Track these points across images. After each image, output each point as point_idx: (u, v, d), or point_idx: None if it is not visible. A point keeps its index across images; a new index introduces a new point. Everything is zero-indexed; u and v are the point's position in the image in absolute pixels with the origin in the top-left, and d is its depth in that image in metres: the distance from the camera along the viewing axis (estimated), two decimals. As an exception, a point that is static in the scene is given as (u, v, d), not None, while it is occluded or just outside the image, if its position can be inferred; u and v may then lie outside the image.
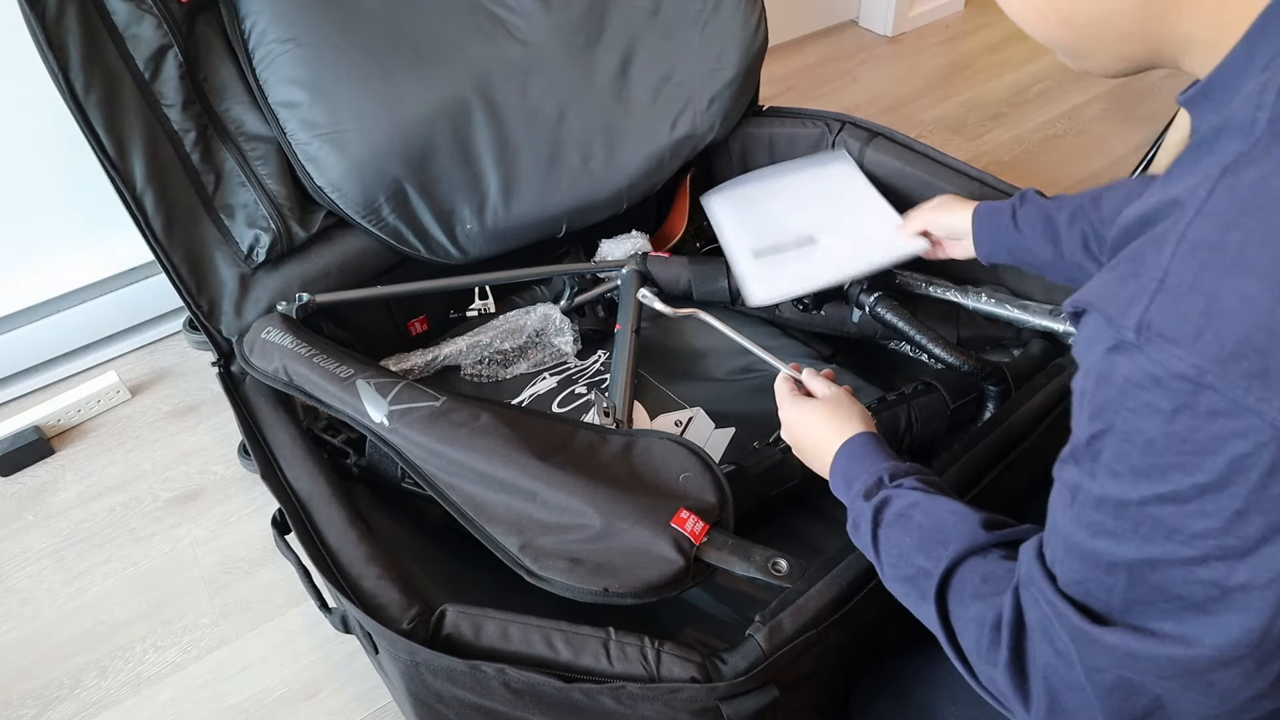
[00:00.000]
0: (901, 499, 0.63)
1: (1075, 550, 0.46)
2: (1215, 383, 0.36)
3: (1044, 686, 0.48)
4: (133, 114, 1.05)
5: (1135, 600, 0.43)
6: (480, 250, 1.24)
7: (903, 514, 0.62)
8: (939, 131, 2.01)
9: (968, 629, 0.54)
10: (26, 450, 1.38)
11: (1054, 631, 0.47)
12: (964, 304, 1.17)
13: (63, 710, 1.09)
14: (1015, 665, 0.50)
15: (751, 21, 1.32)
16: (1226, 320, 0.36)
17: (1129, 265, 0.41)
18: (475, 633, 0.73)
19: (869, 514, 0.64)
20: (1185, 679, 0.43)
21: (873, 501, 0.65)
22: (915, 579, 0.59)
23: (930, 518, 0.61)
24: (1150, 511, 0.41)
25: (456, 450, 0.89)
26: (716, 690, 0.67)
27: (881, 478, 0.67)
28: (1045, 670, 0.48)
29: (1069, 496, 0.46)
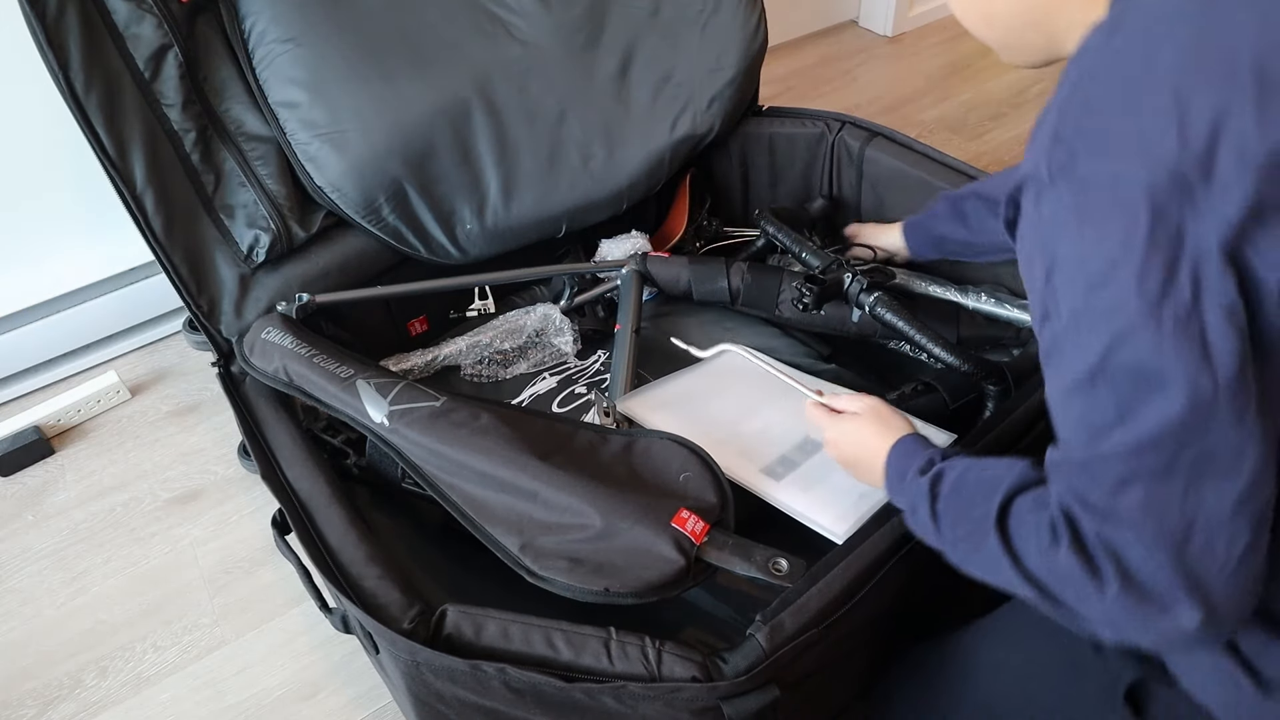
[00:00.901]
0: (954, 468, 0.66)
1: (1068, 394, 0.53)
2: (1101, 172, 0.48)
3: (1104, 551, 0.51)
4: (133, 114, 1.05)
5: (1121, 394, 0.49)
6: (480, 250, 1.24)
7: (958, 479, 0.65)
8: (939, 131, 2.01)
9: (1028, 542, 0.57)
10: (26, 450, 1.37)
11: (1082, 489, 0.52)
12: (964, 304, 1.17)
13: (63, 710, 1.09)
14: (1076, 544, 0.53)
15: (751, 22, 1.32)
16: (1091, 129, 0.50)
17: (1033, 143, 0.54)
18: (476, 632, 0.73)
19: (926, 489, 0.66)
20: (1189, 451, 0.48)
21: (928, 476, 0.67)
22: (975, 529, 0.61)
23: (985, 471, 0.64)
24: (1098, 301, 0.49)
25: (457, 450, 0.89)
26: (717, 690, 0.67)
27: (933, 458, 0.69)
28: (1097, 534, 0.52)
29: (1051, 361, 0.53)
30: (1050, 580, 0.55)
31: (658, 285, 1.23)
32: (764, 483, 0.89)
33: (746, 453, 0.93)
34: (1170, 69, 0.48)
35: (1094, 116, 0.50)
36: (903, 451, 0.73)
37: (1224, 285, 0.46)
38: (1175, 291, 0.46)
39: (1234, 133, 0.45)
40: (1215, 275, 0.46)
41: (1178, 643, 0.52)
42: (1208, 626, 0.49)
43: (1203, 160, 0.46)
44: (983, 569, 0.61)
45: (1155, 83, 0.48)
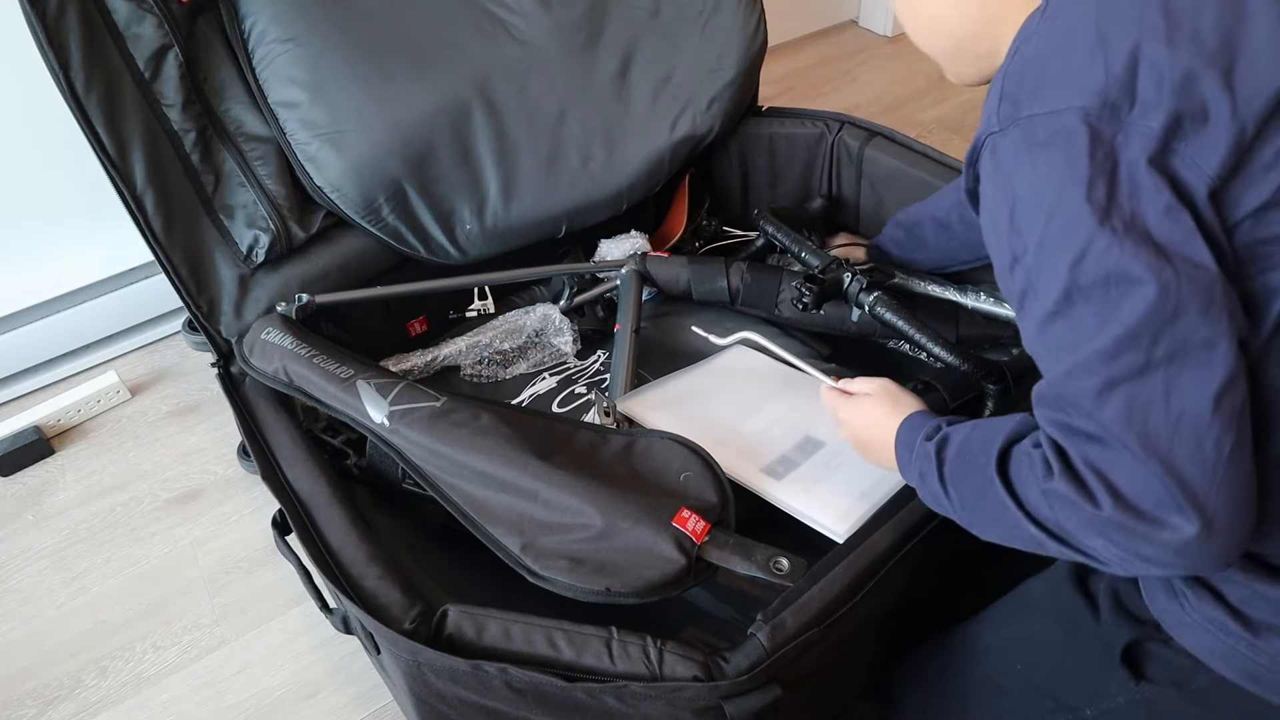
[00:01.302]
0: (959, 431, 0.68)
1: (1045, 324, 0.56)
2: (1043, 109, 0.55)
3: (1092, 473, 0.53)
4: (133, 114, 1.05)
5: (1095, 303, 0.52)
6: (480, 251, 1.24)
7: (963, 440, 0.66)
8: (939, 131, 2.01)
9: (1028, 482, 0.58)
10: (26, 450, 1.37)
11: (1065, 415, 0.55)
12: (964, 303, 1.17)
13: (63, 710, 1.08)
14: (1067, 471, 0.55)
15: (751, 22, 1.32)
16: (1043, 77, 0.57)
17: (985, 108, 0.60)
18: (477, 633, 0.73)
19: (932, 454, 0.68)
20: (1164, 342, 0.51)
21: (934, 441, 0.68)
22: (979, 484, 0.62)
23: (986, 429, 0.65)
24: (1056, 223, 0.54)
25: (457, 450, 0.89)
26: (719, 689, 0.67)
27: (939, 424, 0.71)
28: (1084, 457, 0.54)
29: (1025, 300, 0.57)
30: (1051, 515, 0.56)
31: (657, 285, 1.23)
32: (764, 482, 0.90)
33: (747, 452, 0.93)
34: (1093, 20, 0.55)
35: (1032, 69, 0.57)
36: (910, 425, 0.74)
37: (1157, 189, 0.52)
38: (1119, 199, 0.52)
39: (1149, 60, 0.53)
40: (1148, 181, 0.52)
41: (1182, 562, 0.52)
42: (1207, 539, 0.50)
43: (1126, 85, 0.53)
44: (993, 523, 0.62)
45: (1082, 32, 0.55)
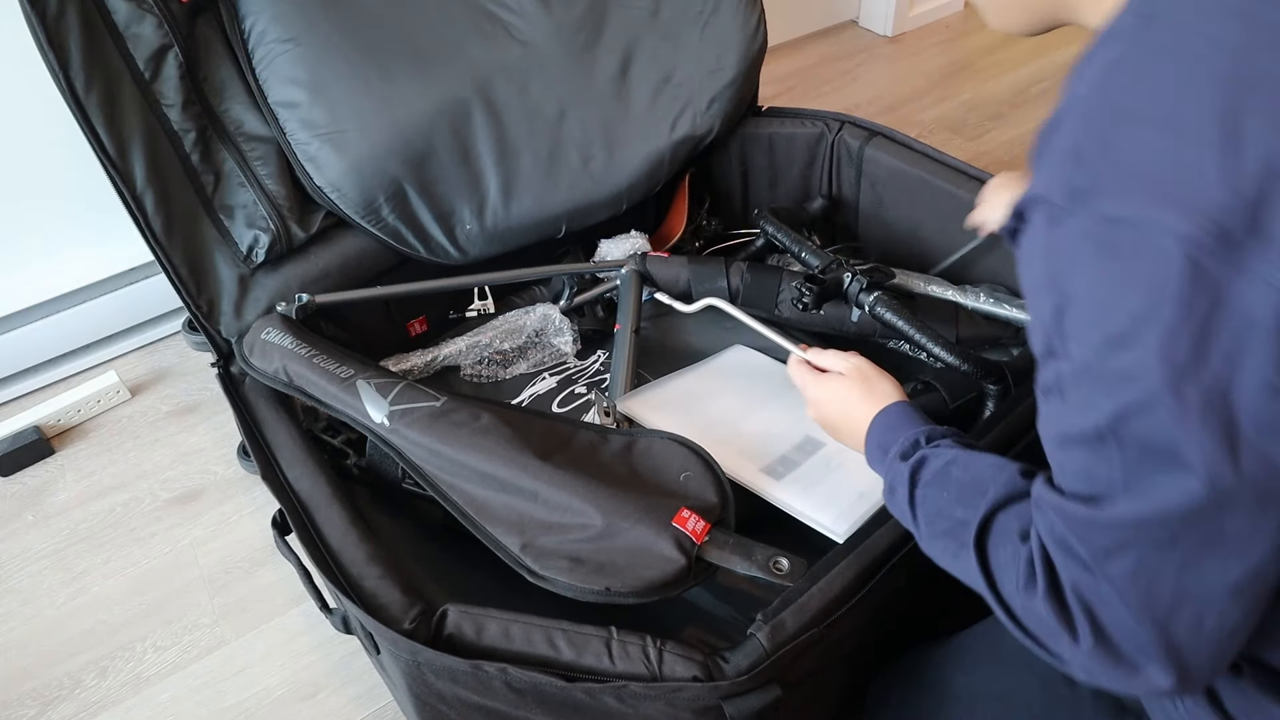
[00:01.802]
0: (939, 457, 0.63)
1: (1067, 441, 0.47)
2: (1130, 215, 0.41)
3: (1080, 606, 0.48)
4: (133, 114, 1.05)
5: (1129, 463, 0.44)
6: (480, 251, 1.24)
7: (941, 471, 0.62)
8: (939, 131, 2.01)
9: (1007, 571, 0.53)
10: (26, 450, 1.37)
11: (1069, 539, 0.48)
12: (964, 303, 1.17)
13: (63, 710, 1.08)
14: (1053, 593, 0.49)
15: (751, 22, 1.32)
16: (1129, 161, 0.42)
17: (1047, 153, 0.46)
18: (477, 632, 0.73)
19: (906, 475, 0.63)
20: (1196, 532, 0.43)
21: (909, 462, 0.64)
22: (954, 531, 0.58)
23: (968, 471, 0.60)
24: (1116, 362, 0.42)
25: (457, 450, 0.89)
26: (719, 689, 0.67)
27: (918, 439, 0.66)
28: (1074, 586, 0.48)
29: (1050, 399, 0.48)
30: (1023, 617, 0.52)
31: (657, 285, 1.23)
32: (764, 482, 0.90)
33: (747, 452, 0.93)
34: (1218, 85, 0.40)
35: (1123, 132, 0.42)
36: (886, 424, 0.70)
37: (1266, 361, 0.39)
38: (1206, 364, 0.40)
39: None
40: (1259, 349, 0.39)
41: (1149, 695, 0.51)
42: (1180, 687, 0.47)
43: (1253, 211, 0.38)
44: (956, 572, 0.59)
45: (1199, 100, 0.40)
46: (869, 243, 1.34)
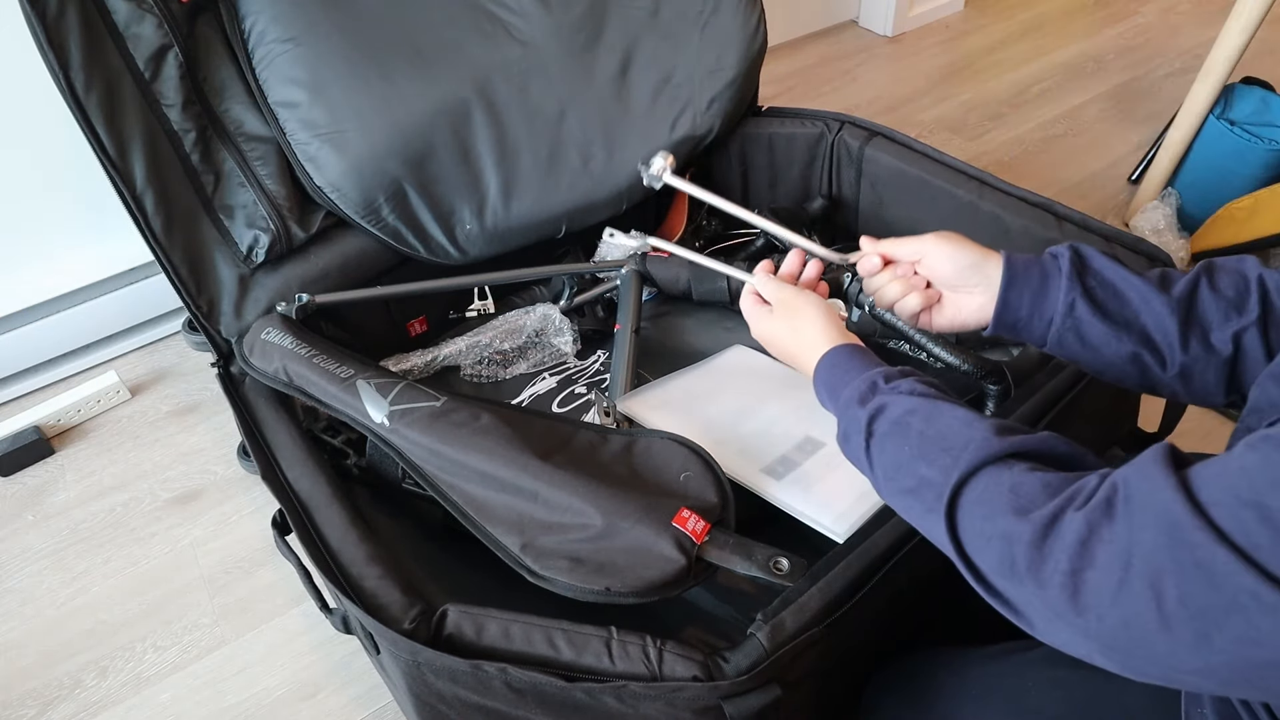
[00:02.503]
0: (897, 405, 0.59)
1: (1268, 517, 0.40)
2: None
3: (1121, 619, 0.43)
4: (133, 114, 1.05)
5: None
6: (480, 251, 1.24)
7: (899, 421, 0.58)
8: (939, 131, 2.01)
9: (991, 545, 0.50)
10: (26, 450, 1.37)
11: (1176, 569, 0.42)
12: (964, 303, 1.17)
13: (63, 710, 1.08)
14: (1072, 585, 0.45)
15: (751, 22, 1.32)
16: None
17: None
18: (477, 632, 0.73)
19: (862, 423, 0.60)
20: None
21: (867, 408, 0.60)
22: (918, 490, 0.55)
23: (932, 424, 0.56)
24: None
25: (457, 450, 0.89)
26: (719, 689, 0.67)
27: (875, 382, 0.62)
28: (1132, 614, 0.43)
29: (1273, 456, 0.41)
30: (1003, 589, 0.49)
31: (657, 285, 1.23)
32: (764, 482, 0.90)
33: (747, 452, 0.93)
34: None
35: None
36: (832, 365, 0.66)
37: None
38: None
39: None
40: None
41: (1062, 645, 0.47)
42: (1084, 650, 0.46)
43: None
44: (921, 530, 0.56)
45: None
46: (869, 243, 1.34)
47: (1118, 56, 2.24)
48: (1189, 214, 1.62)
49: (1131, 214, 1.66)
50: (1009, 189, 1.15)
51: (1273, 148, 1.50)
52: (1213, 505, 0.42)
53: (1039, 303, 0.68)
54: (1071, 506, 0.47)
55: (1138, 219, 1.62)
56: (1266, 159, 1.51)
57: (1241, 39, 1.43)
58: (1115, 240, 1.05)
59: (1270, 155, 1.51)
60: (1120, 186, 1.80)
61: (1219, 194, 1.54)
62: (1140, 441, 1.11)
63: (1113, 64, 2.21)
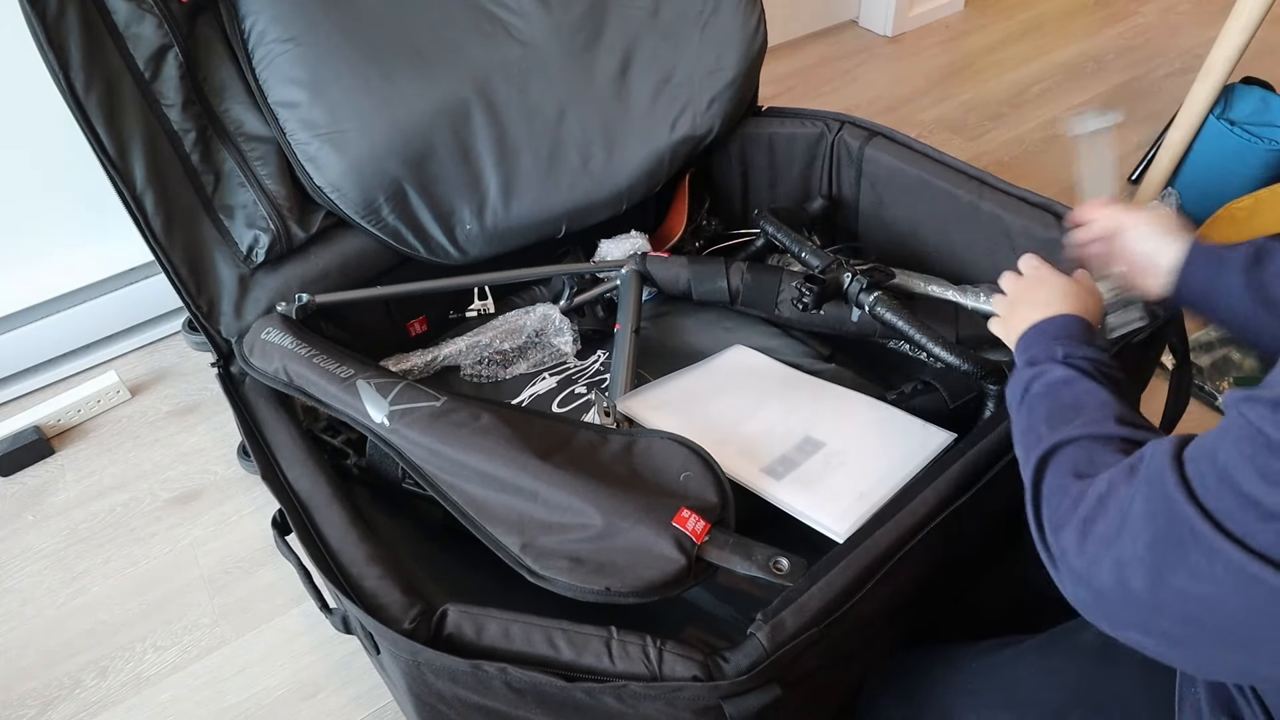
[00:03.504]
0: (1056, 371, 0.65)
1: (1233, 488, 0.45)
2: None
3: (1111, 564, 0.49)
4: (133, 114, 1.05)
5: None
6: (480, 251, 1.24)
7: (1052, 385, 0.64)
8: (939, 131, 2.01)
9: (1054, 497, 0.56)
10: (26, 450, 1.37)
11: (1162, 534, 0.47)
12: (964, 304, 1.17)
13: (63, 710, 1.08)
14: (1082, 531, 0.52)
15: (751, 22, 1.32)
16: None
17: None
18: (477, 632, 0.73)
19: (1024, 381, 0.66)
20: None
21: (1034, 369, 0.67)
22: (1030, 442, 0.61)
23: (1074, 395, 0.62)
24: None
25: (457, 450, 0.89)
26: (719, 689, 0.67)
27: (1055, 352, 0.67)
28: (1117, 558, 0.49)
29: (1247, 433, 0.45)
30: (1049, 537, 0.55)
31: (657, 285, 1.23)
32: (765, 482, 0.90)
33: (747, 452, 0.93)
34: None
35: None
36: (1039, 331, 0.72)
37: None
38: None
39: None
40: None
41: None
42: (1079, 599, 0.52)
43: None
44: (1024, 476, 0.61)
45: None
46: (869, 243, 1.34)
47: (1118, 56, 2.24)
48: (1189, 214, 1.62)
49: (1131, 214, 1.66)
50: (1009, 189, 1.15)
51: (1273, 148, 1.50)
52: (1188, 460, 0.48)
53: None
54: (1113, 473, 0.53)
55: (1138, 219, 1.62)
56: (1266, 159, 1.51)
57: (1241, 39, 1.43)
58: (1115, 240, 1.05)
59: (1270, 155, 1.51)
60: (1120, 186, 1.80)
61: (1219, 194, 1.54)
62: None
63: (1113, 64, 2.21)
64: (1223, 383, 1.32)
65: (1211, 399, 1.31)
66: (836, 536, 0.82)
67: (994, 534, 0.92)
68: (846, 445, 0.95)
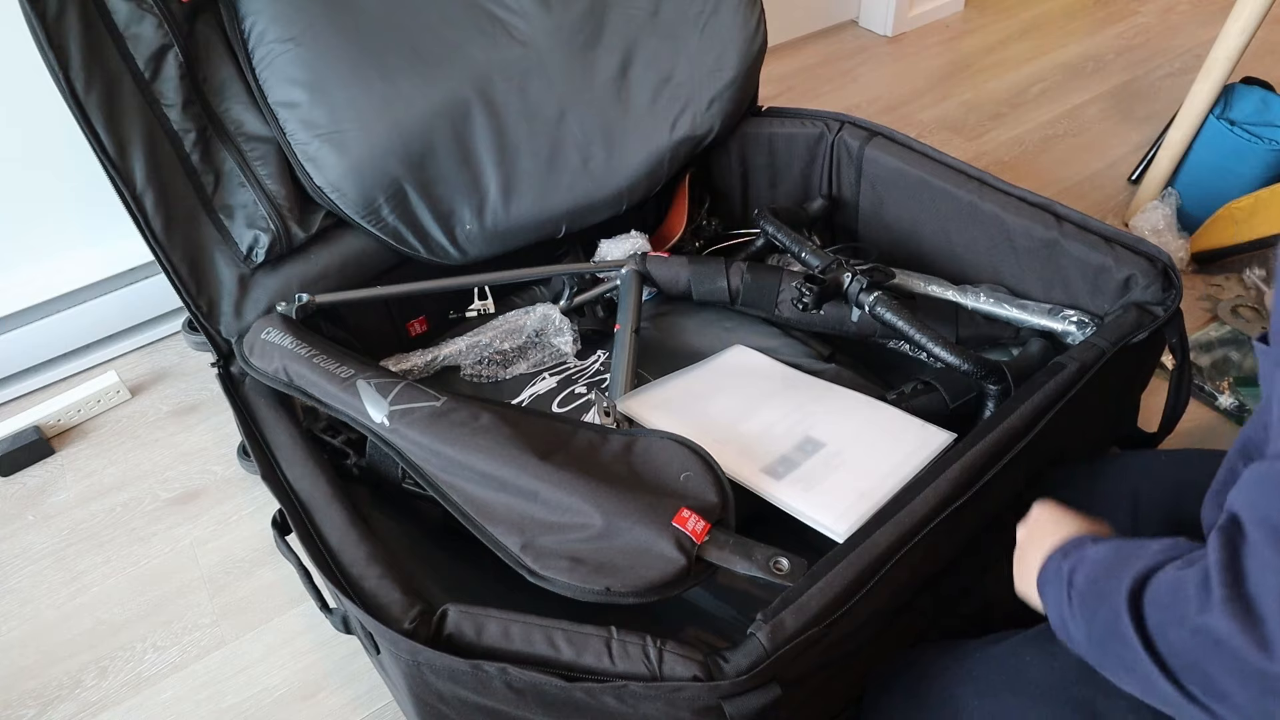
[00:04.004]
0: (1099, 549, 0.57)
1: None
2: None
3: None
4: (133, 114, 1.05)
5: None
6: (480, 251, 1.24)
7: (1098, 561, 0.56)
8: (939, 131, 2.01)
9: (1169, 615, 0.46)
10: (26, 450, 1.37)
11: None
12: (963, 304, 1.17)
13: (63, 710, 1.08)
14: (1234, 595, 0.42)
15: (751, 22, 1.32)
16: None
17: None
18: (477, 632, 0.73)
19: (1065, 574, 0.57)
20: None
21: (1070, 560, 0.58)
22: (1108, 615, 0.51)
23: (1128, 548, 0.54)
24: None
25: (457, 450, 0.89)
26: (719, 689, 0.67)
27: (1083, 540, 0.59)
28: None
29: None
30: (1194, 658, 0.44)
31: (657, 285, 1.23)
32: (765, 482, 0.90)
33: (747, 452, 0.94)
34: None
35: None
36: (1061, 550, 0.61)
37: None
38: None
39: None
40: None
41: None
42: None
43: None
44: (1123, 671, 0.50)
45: None
46: (869, 243, 1.34)
47: (1118, 56, 2.24)
48: (1189, 214, 1.62)
49: (1131, 214, 1.66)
50: (1009, 189, 1.15)
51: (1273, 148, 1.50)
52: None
53: None
54: None
55: (1137, 219, 1.62)
56: (1266, 159, 1.51)
57: (1241, 39, 1.43)
58: (1115, 240, 1.05)
59: (1270, 155, 1.51)
60: (1120, 186, 1.80)
61: (1219, 194, 1.54)
62: (1140, 441, 1.11)
63: (1113, 64, 2.21)
64: (1223, 383, 1.32)
65: (1212, 399, 1.31)
66: (836, 536, 0.82)
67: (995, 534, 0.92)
68: (846, 445, 0.95)
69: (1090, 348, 0.93)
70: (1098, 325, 1.06)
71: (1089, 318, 1.07)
